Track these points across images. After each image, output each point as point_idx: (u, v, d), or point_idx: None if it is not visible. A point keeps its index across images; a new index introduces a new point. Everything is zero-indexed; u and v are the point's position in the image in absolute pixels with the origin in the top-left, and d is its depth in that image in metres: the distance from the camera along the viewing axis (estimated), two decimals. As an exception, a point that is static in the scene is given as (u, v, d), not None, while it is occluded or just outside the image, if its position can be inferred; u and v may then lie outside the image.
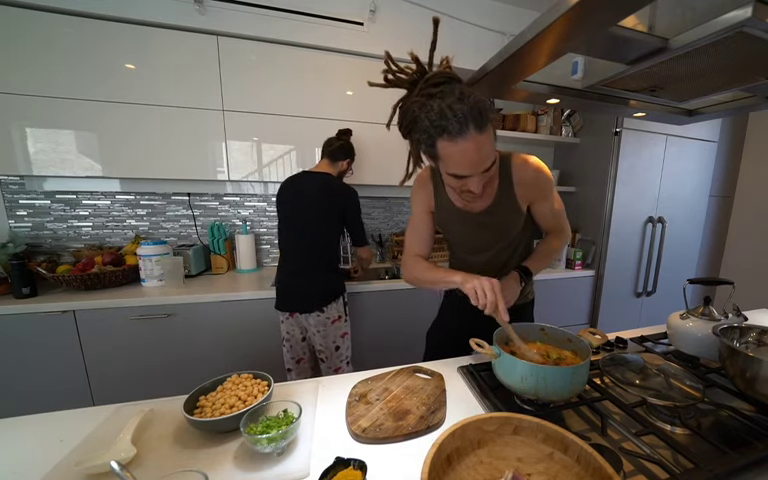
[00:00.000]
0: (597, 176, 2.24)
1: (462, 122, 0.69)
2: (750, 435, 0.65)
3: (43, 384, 1.46)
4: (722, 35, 0.59)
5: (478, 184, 0.77)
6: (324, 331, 1.48)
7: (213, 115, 1.70)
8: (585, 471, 0.50)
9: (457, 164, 0.74)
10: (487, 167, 0.76)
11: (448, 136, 0.71)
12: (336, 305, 1.48)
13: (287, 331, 1.53)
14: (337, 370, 1.53)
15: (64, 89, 1.50)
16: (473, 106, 0.69)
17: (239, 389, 0.72)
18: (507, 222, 0.97)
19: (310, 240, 1.47)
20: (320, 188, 1.47)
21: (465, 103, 0.69)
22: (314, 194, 1.46)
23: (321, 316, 1.46)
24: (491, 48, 2.01)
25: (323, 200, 1.46)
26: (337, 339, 1.51)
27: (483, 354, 0.75)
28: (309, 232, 1.46)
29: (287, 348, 1.55)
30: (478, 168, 0.75)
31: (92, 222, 1.91)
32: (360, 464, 0.56)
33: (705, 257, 2.80)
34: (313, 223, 1.46)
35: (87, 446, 0.62)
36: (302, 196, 1.47)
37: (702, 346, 0.92)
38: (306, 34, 1.75)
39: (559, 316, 2.24)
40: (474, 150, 0.71)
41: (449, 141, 0.71)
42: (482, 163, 0.74)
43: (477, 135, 0.70)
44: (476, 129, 0.70)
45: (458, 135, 0.70)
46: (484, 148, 0.72)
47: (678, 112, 1.13)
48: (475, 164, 0.74)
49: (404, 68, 0.81)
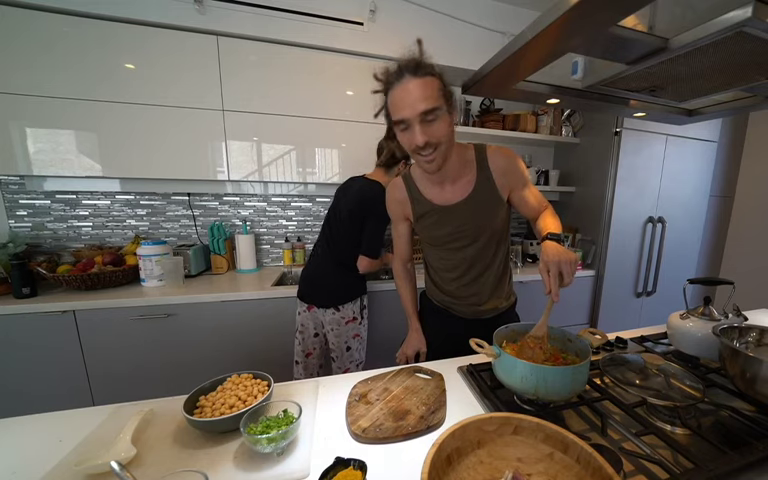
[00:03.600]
0: (597, 176, 2.24)
1: (400, 70, 0.79)
2: (750, 435, 0.65)
3: (43, 384, 1.46)
4: (722, 35, 0.59)
5: (420, 133, 0.81)
6: (338, 330, 1.50)
7: (213, 115, 1.70)
8: (585, 471, 0.50)
9: (396, 107, 0.81)
10: (424, 110, 0.79)
11: (390, 87, 0.81)
12: (353, 305, 1.50)
13: (302, 323, 1.55)
14: (346, 372, 1.52)
15: (64, 89, 1.50)
16: (411, 59, 0.79)
17: (239, 389, 0.72)
18: (488, 211, 0.98)
19: (336, 239, 1.50)
20: (357, 191, 1.49)
21: (409, 61, 0.79)
22: (351, 196, 1.49)
23: (336, 314, 1.48)
24: (491, 48, 2.00)
25: (356, 203, 1.47)
26: (349, 340, 1.52)
27: (483, 354, 0.75)
28: (337, 231, 1.50)
29: (299, 340, 1.57)
30: (415, 109, 0.79)
31: (92, 222, 1.91)
32: (360, 464, 0.56)
33: (705, 257, 2.80)
34: (343, 223, 1.49)
35: (87, 446, 0.62)
36: (343, 197, 1.53)
37: (702, 346, 0.92)
38: (306, 34, 1.75)
39: (559, 316, 2.23)
40: (410, 91, 0.78)
41: (392, 89, 0.81)
42: (418, 104, 0.79)
43: (412, 78, 0.78)
44: (411, 73, 0.78)
45: (397, 81, 0.80)
46: (417, 90, 0.78)
47: (678, 112, 1.12)
48: (411, 104, 0.79)
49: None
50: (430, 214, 1.01)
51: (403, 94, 0.79)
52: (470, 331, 0.86)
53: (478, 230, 0.99)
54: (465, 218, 0.98)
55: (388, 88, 0.82)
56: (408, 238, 1.15)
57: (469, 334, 0.81)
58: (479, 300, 1.06)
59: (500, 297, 1.09)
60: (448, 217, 0.99)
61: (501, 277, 1.08)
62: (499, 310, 1.10)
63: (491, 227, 1.00)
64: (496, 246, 1.03)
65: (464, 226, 0.98)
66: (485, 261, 1.03)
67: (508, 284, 1.13)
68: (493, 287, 1.06)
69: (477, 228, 0.99)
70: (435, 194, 0.99)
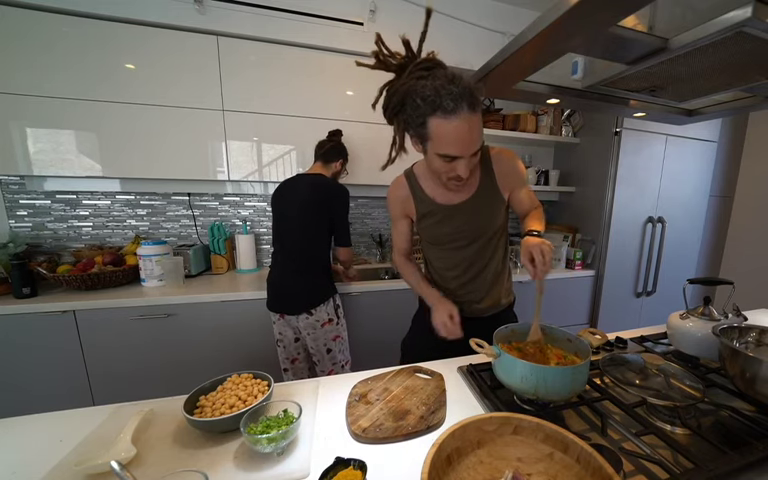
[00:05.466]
0: (597, 176, 2.24)
1: (456, 100, 0.70)
2: (750, 435, 0.65)
3: (43, 384, 1.46)
4: (722, 35, 0.59)
5: (466, 168, 0.79)
6: (314, 333, 1.47)
7: (213, 115, 1.70)
8: (585, 471, 0.50)
9: (449, 143, 0.75)
10: (476, 150, 0.77)
11: (442, 113, 0.72)
12: (325, 307, 1.46)
13: (279, 332, 1.53)
14: (330, 373, 1.52)
15: (64, 89, 1.50)
16: (466, 87, 0.71)
17: (239, 389, 0.72)
18: (491, 211, 0.98)
19: (297, 241, 1.46)
20: (309, 188, 1.47)
21: (458, 85, 0.71)
22: (303, 195, 1.46)
23: (310, 319, 1.45)
24: (491, 48, 2.00)
25: (311, 200, 1.45)
26: (329, 342, 1.50)
27: (483, 354, 0.75)
28: (296, 233, 1.46)
29: (281, 349, 1.55)
30: (469, 149, 0.76)
31: (92, 222, 1.91)
32: (360, 464, 0.56)
33: (705, 257, 2.80)
34: (300, 224, 1.46)
35: (87, 446, 0.62)
36: (292, 197, 1.48)
37: (702, 346, 0.92)
38: (306, 34, 1.75)
39: (559, 316, 2.24)
40: (467, 130, 0.73)
41: (443, 119, 0.73)
42: (473, 144, 0.76)
43: (470, 115, 0.72)
44: (469, 109, 0.72)
45: (452, 113, 0.71)
46: (475, 129, 0.75)
47: (678, 112, 1.13)
48: (467, 145, 0.75)
49: (394, 53, 0.83)
50: (433, 213, 1.00)
51: (459, 132, 0.73)
52: (470, 331, 0.86)
53: (480, 230, 0.99)
54: (468, 218, 0.98)
55: (433, 110, 0.73)
56: (409, 236, 1.12)
57: (469, 334, 0.81)
58: (478, 297, 1.07)
59: (499, 295, 1.09)
60: (451, 217, 0.98)
61: (500, 275, 1.08)
62: (498, 308, 1.10)
63: (492, 227, 1.00)
64: (496, 245, 1.04)
65: (466, 226, 0.98)
66: (485, 260, 1.03)
67: (507, 282, 1.13)
68: (492, 285, 1.07)
69: (479, 228, 0.99)
70: (439, 193, 0.99)
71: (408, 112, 0.78)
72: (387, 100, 0.84)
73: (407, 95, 0.78)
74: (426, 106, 0.73)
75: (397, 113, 0.83)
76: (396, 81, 0.83)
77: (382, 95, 0.86)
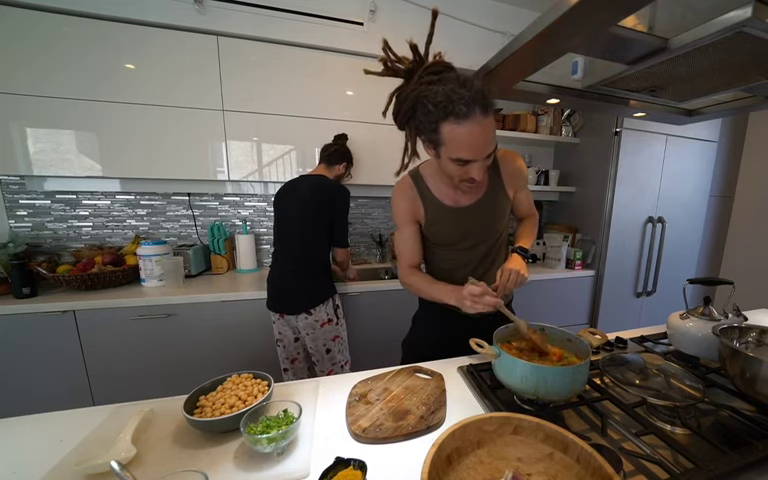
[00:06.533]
0: (597, 176, 2.24)
1: (469, 104, 0.70)
2: (750, 435, 0.65)
3: (43, 384, 1.46)
4: (722, 35, 0.59)
5: (480, 170, 0.79)
6: (313, 333, 1.47)
7: (213, 115, 1.70)
8: (585, 471, 0.50)
9: (463, 147, 0.75)
10: (489, 153, 0.77)
11: (455, 118, 0.72)
12: (325, 307, 1.47)
13: (279, 331, 1.53)
14: (330, 373, 1.52)
15: (64, 89, 1.50)
16: (478, 91, 0.71)
17: (239, 389, 0.72)
18: (500, 211, 0.99)
19: (297, 241, 1.47)
20: (310, 189, 1.48)
21: (469, 88, 0.71)
22: (304, 195, 1.47)
23: (309, 318, 1.45)
24: (491, 48, 2.00)
25: (311, 200, 1.46)
26: (328, 342, 1.50)
27: (483, 354, 0.75)
28: (297, 233, 1.47)
29: (281, 348, 1.55)
30: (483, 152, 0.76)
31: (92, 222, 1.91)
32: (360, 464, 0.56)
33: (705, 257, 2.80)
34: (301, 224, 1.47)
35: (87, 446, 0.62)
36: (293, 197, 1.49)
37: (702, 346, 0.92)
38: (306, 34, 1.75)
39: (559, 316, 2.24)
40: (480, 133, 0.73)
41: (456, 123, 0.72)
42: (487, 147, 0.76)
43: (483, 118, 0.72)
44: (482, 112, 0.71)
45: (465, 117, 0.71)
46: (488, 132, 0.74)
47: (678, 112, 1.12)
48: (481, 148, 0.75)
49: (402, 58, 0.82)
50: (443, 216, 0.98)
51: (473, 136, 0.73)
52: (470, 331, 0.86)
53: (490, 230, 1.00)
54: (479, 219, 0.98)
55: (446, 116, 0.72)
56: (417, 241, 1.03)
57: (469, 334, 0.81)
58: None
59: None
60: (462, 218, 0.97)
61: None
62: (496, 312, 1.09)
63: (500, 226, 1.01)
64: (501, 244, 1.05)
65: (477, 227, 0.98)
66: (491, 259, 1.04)
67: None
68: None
69: (489, 228, 1.00)
70: (447, 195, 0.96)
71: (420, 118, 0.77)
72: (397, 107, 0.82)
73: (418, 101, 0.76)
74: (438, 111, 0.72)
75: (408, 119, 0.81)
76: (405, 87, 0.81)
77: (392, 102, 0.84)
